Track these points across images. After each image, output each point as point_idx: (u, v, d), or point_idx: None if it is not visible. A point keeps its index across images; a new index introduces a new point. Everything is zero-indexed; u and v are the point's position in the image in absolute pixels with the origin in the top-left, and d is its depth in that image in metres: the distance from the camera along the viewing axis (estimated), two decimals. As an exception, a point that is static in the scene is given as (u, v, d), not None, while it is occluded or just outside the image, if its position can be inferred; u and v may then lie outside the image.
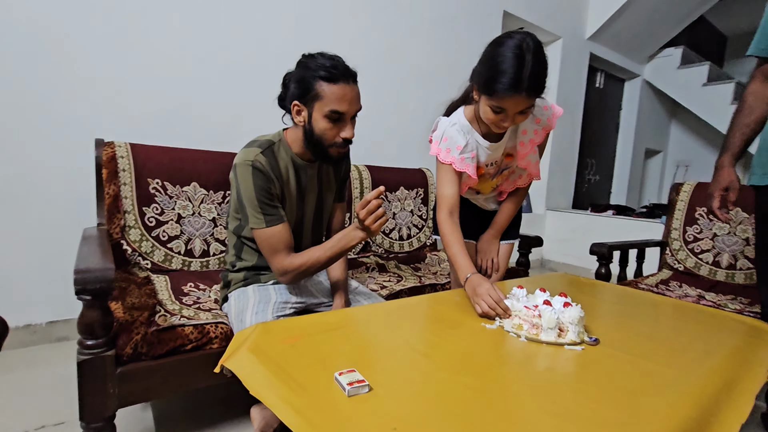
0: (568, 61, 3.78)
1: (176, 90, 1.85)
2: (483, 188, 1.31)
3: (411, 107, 2.68)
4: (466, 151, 1.13)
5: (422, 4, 2.65)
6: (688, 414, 0.57)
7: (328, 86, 0.93)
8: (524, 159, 1.18)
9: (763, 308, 1.14)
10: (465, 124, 1.14)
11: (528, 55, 0.91)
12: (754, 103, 1.16)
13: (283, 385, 0.58)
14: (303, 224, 1.13)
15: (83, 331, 0.86)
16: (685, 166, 5.69)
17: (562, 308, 0.82)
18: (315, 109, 0.96)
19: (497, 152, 1.18)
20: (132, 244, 1.38)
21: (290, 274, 1.01)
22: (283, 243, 1.00)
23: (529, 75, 0.91)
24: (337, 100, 0.94)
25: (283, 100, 1.05)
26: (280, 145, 1.05)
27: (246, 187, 0.98)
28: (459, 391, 0.59)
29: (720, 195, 1.21)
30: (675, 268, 1.97)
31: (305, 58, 0.99)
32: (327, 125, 0.96)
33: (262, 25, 2.05)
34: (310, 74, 0.94)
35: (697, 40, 5.57)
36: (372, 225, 0.94)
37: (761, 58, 1.15)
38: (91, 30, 1.65)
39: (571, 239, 3.71)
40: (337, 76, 0.93)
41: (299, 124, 1.01)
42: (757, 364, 0.77)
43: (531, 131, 1.15)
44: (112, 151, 1.39)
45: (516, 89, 0.92)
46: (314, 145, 1.00)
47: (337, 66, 0.94)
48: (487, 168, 1.21)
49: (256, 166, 0.97)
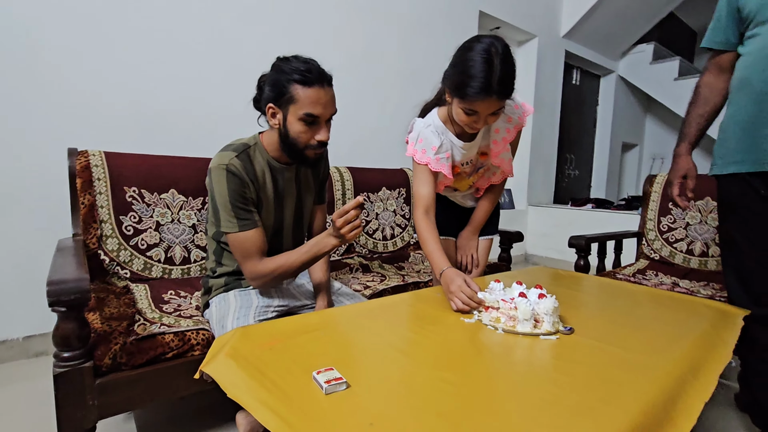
0: (544, 59, 3.85)
1: (152, 97, 1.83)
2: (460, 186, 1.34)
3: (391, 108, 2.69)
4: (441, 151, 1.15)
5: (399, 6, 2.67)
6: (655, 396, 0.59)
7: (302, 89, 0.94)
8: (498, 157, 1.21)
9: (728, 293, 1.19)
10: (439, 125, 1.16)
11: (496, 59, 0.93)
12: (708, 95, 1.21)
13: (261, 388, 0.59)
14: (283, 227, 1.13)
15: (59, 344, 0.84)
16: (661, 158, 5.85)
17: (537, 300, 0.85)
18: (290, 112, 0.96)
19: (471, 151, 1.21)
20: (109, 253, 1.36)
21: (261, 279, 1.01)
22: (255, 248, 1.00)
23: (499, 79, 0.94)
24: (311, 104, 0.95)
25: (258, 102, 1.05)
26: (256, 149, 1.05)
27: (220, 191, 0.97)
28: (436, 385, 0.60)
29: (679, 182, 1.27)
30: (651, 257, 2.03)
31: (280, 61, 0.99)
32: (302, 128, 0.97)
33: (238, 28, 2.04)
34: (285, 77, 0.95)
35: (668, 36, 5.74)
36: (347, 234, 0.94)
37: (714, 50, 1.19)
38: (65, 38, 1.61)
39: (553, 233, 3.78)
40: (311, 79, 0.94)
41: (274, 126, 1.01)
42: (721, 346, 0.80)
43: (503, 129, 1.18)
44: (86, 160, 1.36)
45: (487, 93, 0.94)
46: (289, 147, 1.00)
47: (312, 70, 0.95)
48: (462, 167, 1.23)
49: (230, 169, 0.97)
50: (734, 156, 1.10)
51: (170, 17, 1.84)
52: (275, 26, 2.16)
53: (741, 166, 1.09)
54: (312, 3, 2.28)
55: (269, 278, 1.01)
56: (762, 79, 1.02)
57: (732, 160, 1.11)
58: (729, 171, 1.12)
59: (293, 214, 1.14)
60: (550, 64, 3.95)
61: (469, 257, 1.38)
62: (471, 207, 1.42)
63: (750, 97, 1.05)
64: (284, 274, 1.02)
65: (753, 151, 1.05)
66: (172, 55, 1.87)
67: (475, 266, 1.39)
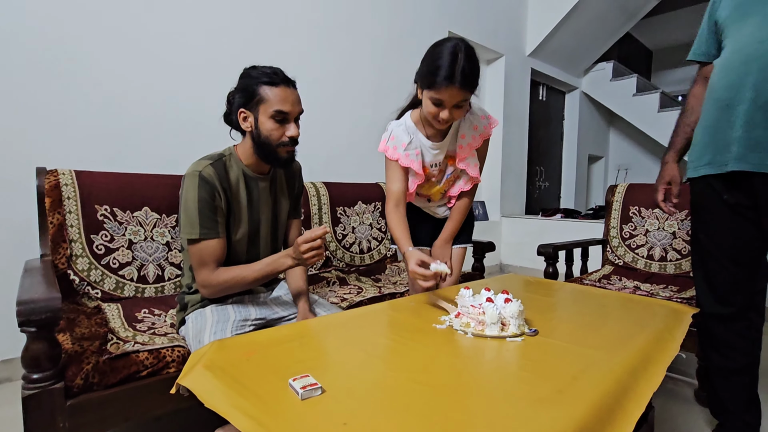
0: (511, 77, 4.03)
1: (123, 114, 1.82)
2: (433, 195, 1.40)
3: (365, 123, 2.76)
4: (410, 148, 1.25)
5: (373, 25, 2.76)
6: (608, 386, 0.65)
7: (270, 89, 1.02)
8: (463, 161, 1.29)
9: (696, 292, 1.25)
10: (411, 125, 1.27)
11: (461, 54, 1.04)
12: (695, 105, 1.26)
13: (238, 396, 0.60)
14: (259, 236, 1.15)
15: (28, 365, 0.83)
16: (625, 169, 6.15)
17: (503, 304, 0.89)
18: (260, 112, 1.03)
19: (440, 155, 1.29)
20: (79, 273, 1.34)
21: (212, 288, 1.04)
22: (212, 257, 1.03)
23: (461, 70, 1.04)
24: (280, 101, 1.02)
25: (229, 115, 1.10)
26: (231, 158, 1.09)
27: (190, 197, 1.00)
28: (409, 387, 0.64)
29: (663, 189, 1.33)
30: (615, 263, 2.14)
31: (247, 69, 1.07)
32: (273, 126, 1.03)
33: (211, 45, 2.06)
34: (254, 81, 1.03)
35: (626, 55, 6.11)
36: (309, 258, 0.99)
37: (701, 62, 1.25)
38: (31, 56, 1.60)
39: (525, 243, 3.89)
40: (277, 80, 1.03)
41: (247, 129, 1.06)
42: (671, 341, 0.87)
43: (469, 136, 1.28)
44: (55, 179, 1.35)
45: (450, 80, 1.04)
46: (262, 147, 1.05)
47: (278, 72, 1.04)
48: (431, 169, 1.31)
49: (203, 176, 1.01)
50: (700, 160, 1.16)
51: (142, 33, 1.85)
52: (250, 43, 2.20)
53: (706, 169, 1.14)
54: (289, 22, 2.34)
55: (219, 288, 1.04)
56: (722, 86, 1.09)
57: (698, 164, 1.17)
58: (696, 174, 1.18)
59: (269, 224, 1.17)
60: (518, 81, 4.13)
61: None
62: (444, 217, 1.48)
63: (713, 104, 1.12)
64: (235, 287, 1.05)
65: (714, 154, 1.11)
66: (144, 71, 1.87)
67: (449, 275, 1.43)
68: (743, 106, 1.03)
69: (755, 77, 1.01)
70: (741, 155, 1.05)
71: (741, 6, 1.08)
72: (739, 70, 1.04)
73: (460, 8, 3.42)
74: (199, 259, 1.02)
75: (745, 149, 1.04)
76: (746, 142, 1.04)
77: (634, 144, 6.07)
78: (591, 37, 4.53)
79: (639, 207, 2.13)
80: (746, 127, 1.03)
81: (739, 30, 1.07)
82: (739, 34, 1.07)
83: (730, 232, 1.14)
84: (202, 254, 1.01)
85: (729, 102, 1.07)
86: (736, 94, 1.05)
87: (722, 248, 1.15)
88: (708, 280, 1.19)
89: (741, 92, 1.04)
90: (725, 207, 1.13)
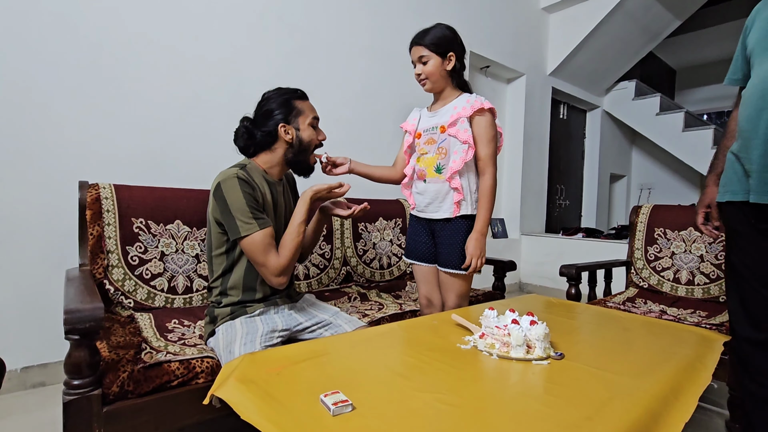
0: (532, 95, 4.04)
1: (160, 131, 1.91)
2: (427, 168, 1.40)
3: (387, 140, 2.81)
4: (413, 116, 1.53)
5: (394, 45, 2.83)
6: (638, 414, 0.64)
7: (302, 102, 1.22)
8: (453, 127, 1.35)
9: (730, 317, 1.21)
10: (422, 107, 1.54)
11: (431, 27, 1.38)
12: (734, 128, 1.25)
13: (271, 410, 0.63)
14: (281, 234, 1.20)
15: (70, 371, 0.87)
16: (648, 188, 6.03)
17: (528, 326, 0.90)
18: (300, 122, 1.20)
19: (435, 119, 1.43)
20: (115, 283, 1.39)
21: (286, 271, 1.11)
22: (273, 243, 1.10)
23: (419, 33, 1.37)
24: (312, 110, 1.24)
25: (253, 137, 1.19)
26: (251, 167, 1.18)
27: (235, 198, 1.06)
28: (436, 408, 0.65)
29: (703, 212, 1.33)
30: (640, 285, 2.09)
31: (271, 92, 1.22)
32: (312, 132, 1.22)
33: (244, 67, 2.15)
34: (286, 98, 1.19)
35: (649, 74, 6.05)
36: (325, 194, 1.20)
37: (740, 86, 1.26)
38: (75, 74, 1.71)
39: (545, 262, 3.84)
40: (304, 95, 1.24)
41: (288, 141, 1.19)
42: (702, 370, 0.85)
43: (460, 107, 1.36)
44: (96, 192, 1.42)
45: (411, 43, 1.39)
46: (301, 154, 1.21)
47: (299, 89, 1.24)
48: (424, 133, 1.44)
49: (240, 177, 1.08)
50: (725, 186, 1.18)
51: (180, 56, 1.96)
52: (279, 67, 2.29)
53: (733, 196, 1.15)
54: (315, 44, 2.42)
55: (290, 264, 1.12)
56: (743, 117, 1.09)
57: (728, 189, 1.17)
58: (724, 199, 1.18)
59: (283, 224, 1.24)
60: (538, 100, 4.14)
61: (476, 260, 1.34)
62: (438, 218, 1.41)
63: (738, 132, 1.13)
64: (294, 252, 1.13)
65: (737, 182, 1.12)
66: (181, 94, 1.97)
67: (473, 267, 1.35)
68: (758, 141, 1.05)
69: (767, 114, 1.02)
70: (758, 188, 1.06)
71: (765, 38, 1.08)
72: (757, 105, 1.05)
73: (481, 28, 3.47)
74: (263, 248, 1.07)
75: (759, 183, 1.05)
76: (760, 176, 1.05)
77: (657, 163, 5.96)
78: (613, 57, 4.52)
79: (665, 229, 2.09)
80: (761, 161, 1.04)
81: (762, 62, 1.08)
82: (762, 66, 1.07)
83: (761, 256, 1.12)
84: (264, 243, 1.07)
85: (748, 135, 1.08)
86: (754, 127, 1.06)
87: (754, 272, 1.14)
88: (743, 304, 1.17)
89: (758, 127, 1.05)
90: (755, 231, 1.12)
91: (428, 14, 3.01)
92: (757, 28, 1.13)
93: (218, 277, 1.15)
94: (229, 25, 2.11)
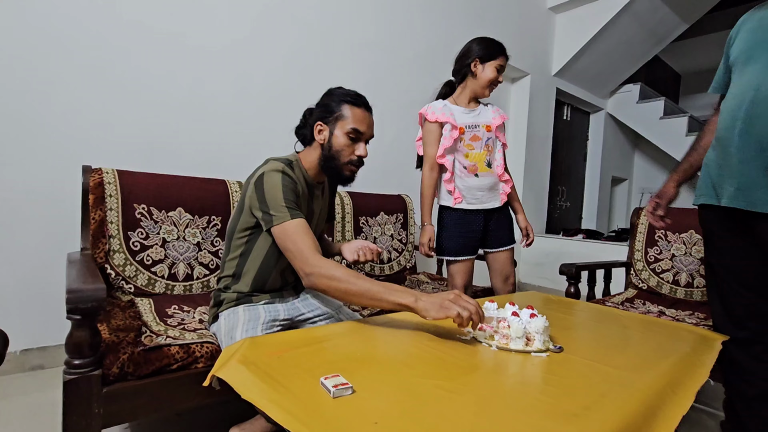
0: (536, 95, 4.04)
1: (162, 118, 1.91)
2: (478, 163, 1.60)
3: (390, 137, 2.81)
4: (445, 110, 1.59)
5: (402, 43, 2.83)
6: (635, 406, 0.64)
7: (351, 109, 1.11)
8: (495, 127, 1.63)
9: (713, 317, 1.25)
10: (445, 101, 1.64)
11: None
12: (706, 130, 1.32)
13: (272, 390, 0.63)
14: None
15: (72, 351, 0.88)
16: (650, 192, 6.02)
17: (528, 319, 0.90)
18: (337, 128, 1.11)
19: (475, 117, 1.61)
20: (116, 268, 1.40)
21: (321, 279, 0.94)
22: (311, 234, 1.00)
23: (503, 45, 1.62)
24: (358, 121, 1.11)
25: (302, 128, 1.18)
26: (296, 165, 1.14)
27: (274, 188, 1.02)
28: (436, 394, 0.65)
29: (654, 201, 1.39)
30: (639, 287, 2.09)
31: (332, 89, 1.16)
32: (346, 142, 1.11)
33: (247, 57, 2.15)
34: (336, 99, 1.12)
35: (654, 78, 6.04)
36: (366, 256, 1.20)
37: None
38: (79, 60, 1.71)
39: (545, 262, 3.85)
40: (359, 102, 1.13)
41: (320, 142, 1.12)
42: (700, 366, 0.86)
43: (496, 114, 1.68)
44: (99, 177, 1.42)
45: (504, 53, 1.61)
46: (329, 161, 1.12)
47: (360, 96, 1.15)
48: (467, 130, 1.58)
49: (285, 172, 1.05)
50: (700, 189, 1.23)
51: (185, 44, 1.95)
52: (283, 58, 2.28)
53: (704, 199, 1.21)
54: (320, 37, 2.42)
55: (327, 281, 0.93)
56: (721, 126, 1.14)
57: (702, 192, 1.23)
58: (699, 202, 1.24)
59: (315, 229, 1.22)
60: (542, 100, 4.13)
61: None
62: (491, 208, 1.68)
63: (715, 140, 1.18)
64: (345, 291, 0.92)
65: (712, 187, 1.18)
66: (185, 80, 1.96)
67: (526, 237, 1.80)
68: (732, 149, 1.08)
69: (741, 124, 1.05)
70: (732, 194, 1.09)
71: (748, 50, 1.11)
72: (734, 114, 1.08)
73: (488, 27, 3.46)
74: (300, 239, 0.97)
75: (735, 189, 1.09)
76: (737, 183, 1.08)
77: (659, 167, 5.95)
78: (618, 60, 4.51)
79: (665, 231, 2.09)
80: (737, 167, 1.07)
81: (742, 74, 1.11)
82: (741, 78, 1.11)
83: (738, 257, 1.16)
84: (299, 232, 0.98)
85: (724, 142, 1.11)
86: (730, 135, 1.09)
87: (732, 272, 1.18)
88: (724, 304, 1.20)
89: (733, 135, 1.08)
90: (729, 233, 1.17)
91: (434, 10, 3.01)
92: (741, 39, 1.15)
93: (234, 258, 1.13)
94: (233, 15, 2.10)
